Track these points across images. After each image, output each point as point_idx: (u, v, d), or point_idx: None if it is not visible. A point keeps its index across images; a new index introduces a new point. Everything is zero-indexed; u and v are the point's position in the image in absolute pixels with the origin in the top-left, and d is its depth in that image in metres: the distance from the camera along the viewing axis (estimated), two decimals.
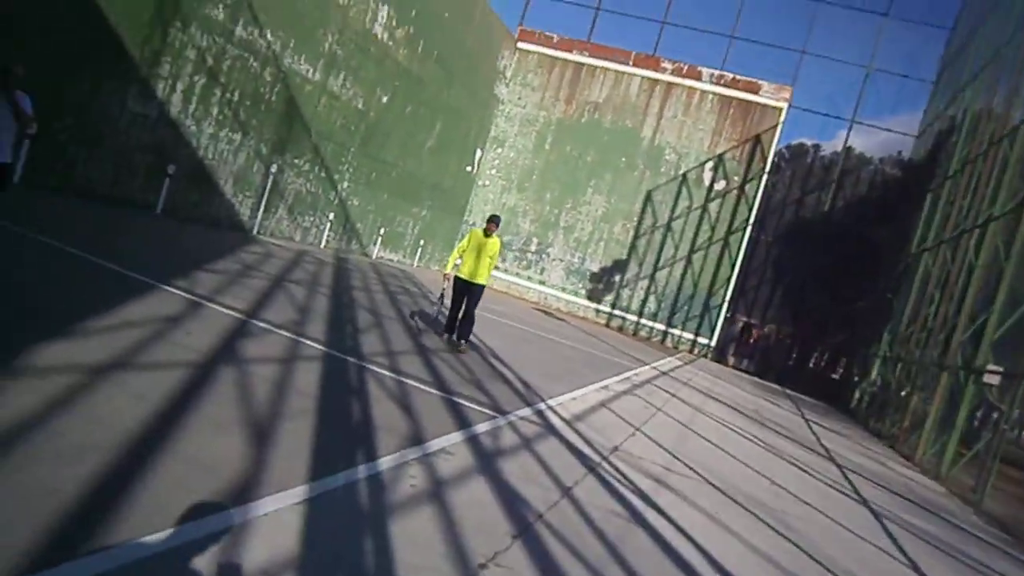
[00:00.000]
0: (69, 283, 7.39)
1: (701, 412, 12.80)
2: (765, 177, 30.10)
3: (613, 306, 31.36)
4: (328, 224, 23.02)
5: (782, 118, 30.16)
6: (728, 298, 30.15)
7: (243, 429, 4.68)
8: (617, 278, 31.33)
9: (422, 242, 29.38)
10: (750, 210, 30.01)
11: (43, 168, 13.92)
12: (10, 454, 3.39)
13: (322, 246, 22.84)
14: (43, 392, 4.22)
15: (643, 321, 30.91)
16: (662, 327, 30.62)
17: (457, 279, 10.78)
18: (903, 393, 18.93)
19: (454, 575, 3.57)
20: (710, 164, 30.61)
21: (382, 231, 26.19)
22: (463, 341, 10.66)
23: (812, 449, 12.78)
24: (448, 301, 11.20)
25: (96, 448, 3.69)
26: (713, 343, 30.23)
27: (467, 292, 10.68)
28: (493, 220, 10.75)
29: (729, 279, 30.03)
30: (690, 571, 4.64)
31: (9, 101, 7.55)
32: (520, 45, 33.18)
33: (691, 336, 30.33)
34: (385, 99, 23.88)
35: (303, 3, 19.14)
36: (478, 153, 32.43)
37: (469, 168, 31.98)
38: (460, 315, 10.73)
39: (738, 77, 30.79)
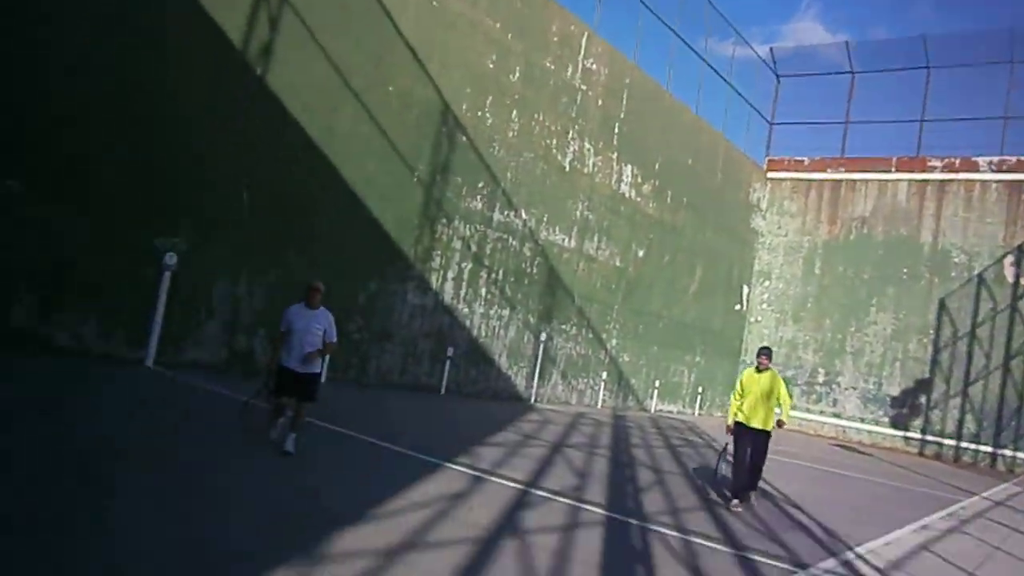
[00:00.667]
0: (364, 468, 7.97)
1: None
2: None
3: (923, 431, 28.10)
4: (602, 383, 23.25)
5: None
6: None
7: None
8: (923, 400, 28.21)
9: (700, 389, 28.64)
10: None
11: (341, 365, 15.50)
12: None
13: (598, 406, 23.00)
14: None
15: (963, 445, 27.27)
16: (988, 449, 26.78)
17: (738, 426, 9.78)
18: None
19: None
20: (1010, 259, 27.38)
21: (657, 383, 25.94)
22: (750, 493, 9.72)
23: None
24: (731, 454, 10.10)
25: None
26: None
27: (750, 440, 9.61)
28: (763, 353, 10.00)
29: None
30: None
31: (315, 318, 8.06)
32: (770, 175, 32.69)
33: None
34: (641, 253, 24.32)
35: (551, 180, 20.40)
36: (745, 290, 31.66)
37: (738, 306, 31.21)
38: (747, 467, 9.65)
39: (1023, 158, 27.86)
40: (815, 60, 33.87)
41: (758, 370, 9.85)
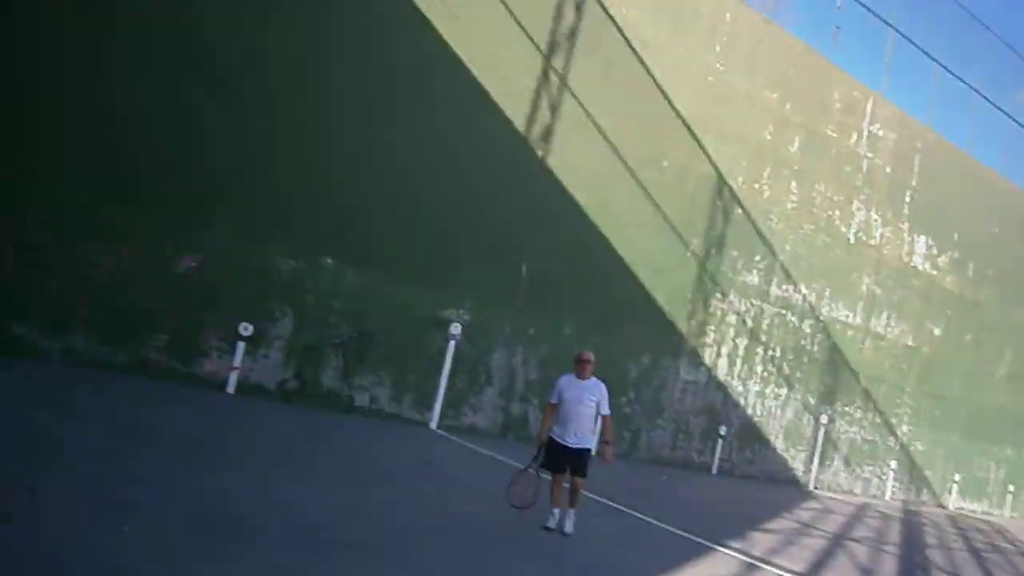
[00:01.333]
0: (635, 546, 7.90)
1: None
2: None
3: None
4: (890, 473, 21.26)
5: None
6: None
7: None
8: None
9: (1011, 487, 25.15)
10: None
11: (616, 438, 15.54)
12: None
13: (886, 498, 21.01)
14: None
15: None
16: None
17: None
18: None
19: None
20: None
21: (957, 477, 23.20)
22: None
23: None
24: None
25: None
26: None
27: None
28: None
29: None
30: None
31: (588, 389, 7.64)
32: None
33: None
34: (937, 331, 22.19)
35: (834, 253, 19.38)
36: None
37: None
38: None
39: None
40: None
41: None
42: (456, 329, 13.57)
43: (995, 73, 24.28)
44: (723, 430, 17.28)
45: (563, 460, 7.53)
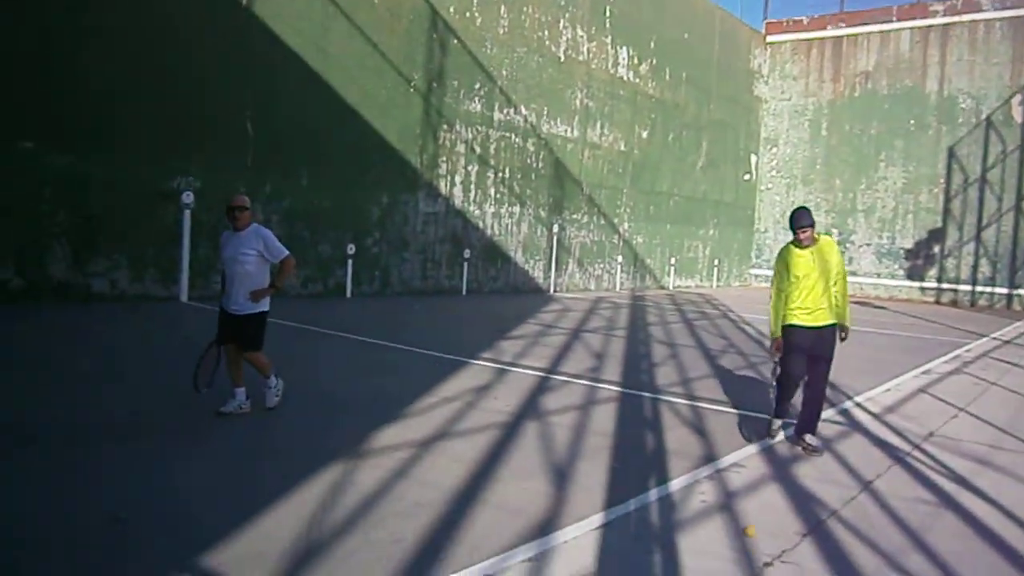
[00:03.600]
0: (399, 374, 8.71)
1: None
2: None
3: (939, 280, 28.66)
4: (618, 267, 23.87)
5: None
6: None
7: (545, 473, 5.32)
8: (936, 249, 28.63)
9: (716, 262, 29.24)
10: None
11: (366, 278, 16.22)
12: (367, 516, 4.30)
13: (617, 289, 23.71)
14: (385, 467, 5.19)
15: (979, 289, 27.85)
16: (1004, 291, 27.34)
17: (792, 331, 6.34)
18: None
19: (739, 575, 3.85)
20: (1017, 99, 27.18)
21: (673, 260, 26.53)
22: (808, 436, 6.32)
23: None
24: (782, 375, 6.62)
25: (427, 505, 4.51)
26: None
27: (811, 347, 6.31)
28: (798, 219, 6.26)
29: None
30: (1010, 551, 4.43)
31: (243, 241, 6.38)
32: (770, 39, 32.22)
33: None
34: (645, 134, 24.48)
35: (548, 73, 20.47)
36: (753, 159, 31.76)
37: (747, 176, 31.39)
38: (804, 390, 6.50)
39: None
40: None
41: (799, 245, 6.36)
42: (188, 197, 13.19)
43: None
44: (467, 253, 18.47)
45: (229, 330, 6.41)
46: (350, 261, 15.92)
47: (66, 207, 11.85)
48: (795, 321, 6.34)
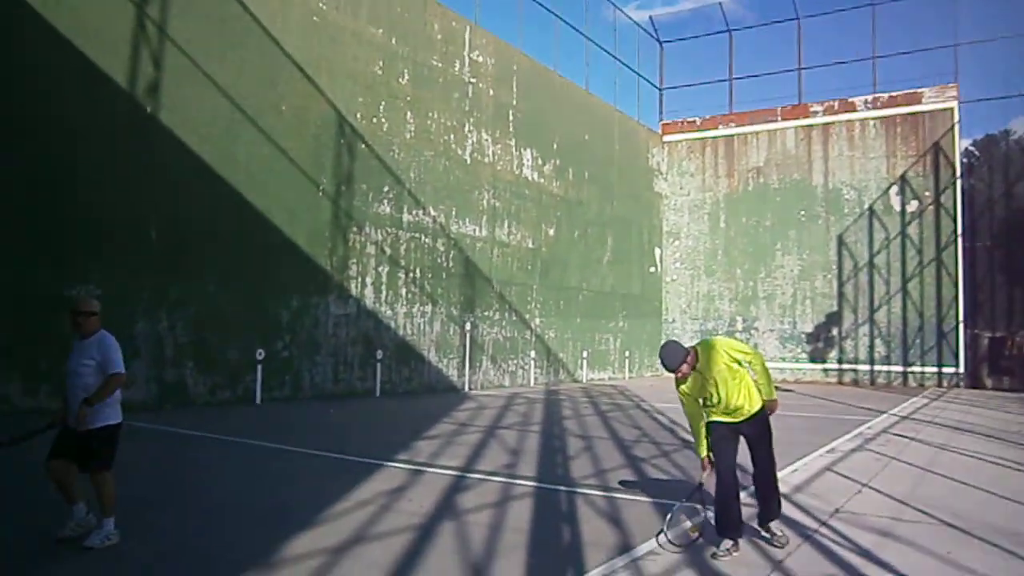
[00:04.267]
0: (311, 480, 8.50)
1: (946, 449, 11.99)
2: (959, 183, 28.22)
3: (840, 361, 29.89)
4: (531, 362, 24.06)
5: (956, 118, 28.49)
6: (962, 318, 27.88)
7: (463, 574, 5.26)
8: (835, 331, 29.96)
9: (627, 353, 29.78)
10: (955, 220, 28.04)
11: (276, 384, 15.88)
12: None
13: (531, 384, 23.81)
14: None
15: (877, 368, 29.15)
16: (899, 369, 28.68)
17: (717, 426, 6.07)
18: None
19: None
20: (895, 189, 29.21)
21: (585, 353, 26.91)
22: (774, 524, 6.15)
23: None
24: (715, 481, 6.08)
25: None
26: (961, 369, 27.81)
27: (744, 437, 6.12)
28: (666, 364, 5.96)
29: (956, 298, 27.84)
30: None
31: (85, 351, 5.86)
32: (666, 139, 33.92)
33: (934, 369, 28.14)
34: (552, 231, 25.14)
35: (455, 175, 20.99)
36: (657, 252, 32.90)
37: (652, 268, 32.42)
38: (754, 481, 6.25)
39: (895, 94, 29.65)
40: (695, 22, 35.27)
41: (681, 379, 6.06)
42: None
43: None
44: (379, 354, 18.35)
45: (72, 449, 5.67)
46: (259, 366, 15.60)
47: None
48: (717, 419, 6.07)
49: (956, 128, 28.47)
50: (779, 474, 9.24)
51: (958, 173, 28.26)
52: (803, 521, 6.91)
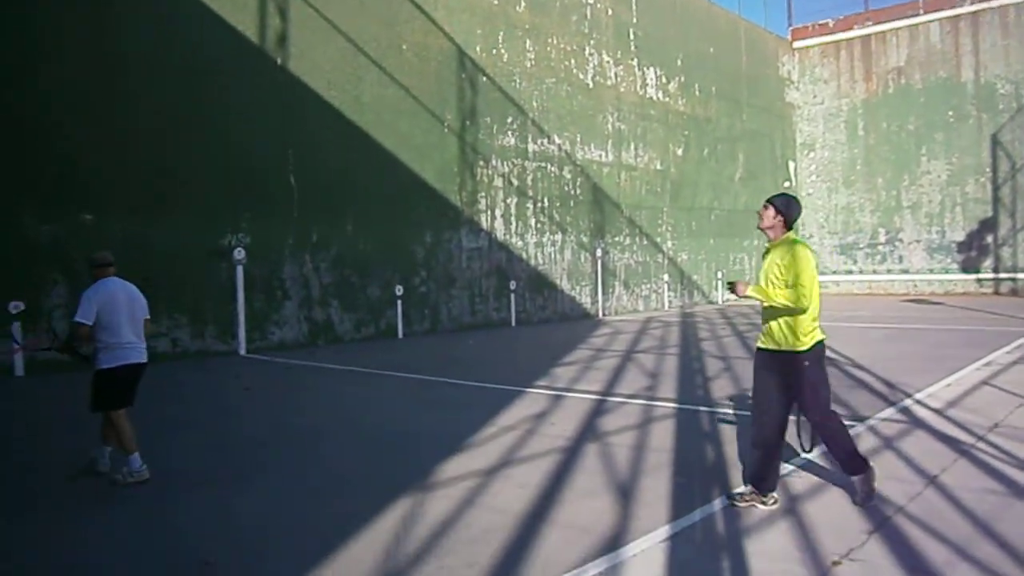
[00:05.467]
0: (457, 408, 8.88)
1: None
2: None
3: (996, 270, 28.02)
4: (664, 286, 23.85)
5: None
6: None
7: (610, 492, 5.41)
8: (990, 239, 28.02)
9: None
10: None
11: (416, 317, 16.50)
12: (440, 544, 4.44)
13: (666, 307, 23.66)
14: (453, 497, 5.33)
15: None
16: None
17: (760, 355, 5.29)
18: None
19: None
20: None
21: (719, 274, 26.40)
22: (856, 479, 4.88)
23: None
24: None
25: (497, 529, 4.64)
26: None
27: (774, 379, 5.12)
28: (773, 205, 5.22)
29: None
30: None
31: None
32: (797, 45, 32.16)
33: None
34: (680, 151, 24.54)
35: (577, 100, 20.71)
36: (791, 165, 31.57)
37: (787, 183, 31.17)
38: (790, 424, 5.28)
39: None
40: None
41: (769, 247, 5.35)
42: (240, 253, 13.64)
43: None
44: (513, 284, 18.66)
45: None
46: (399, 302, 16.22)
47: (123, 272, 12.32)
48: (759, 343, 5.29)
49: None
50: (931, 389, 8.95)
51: None
52: (959, 436, 6.67)
